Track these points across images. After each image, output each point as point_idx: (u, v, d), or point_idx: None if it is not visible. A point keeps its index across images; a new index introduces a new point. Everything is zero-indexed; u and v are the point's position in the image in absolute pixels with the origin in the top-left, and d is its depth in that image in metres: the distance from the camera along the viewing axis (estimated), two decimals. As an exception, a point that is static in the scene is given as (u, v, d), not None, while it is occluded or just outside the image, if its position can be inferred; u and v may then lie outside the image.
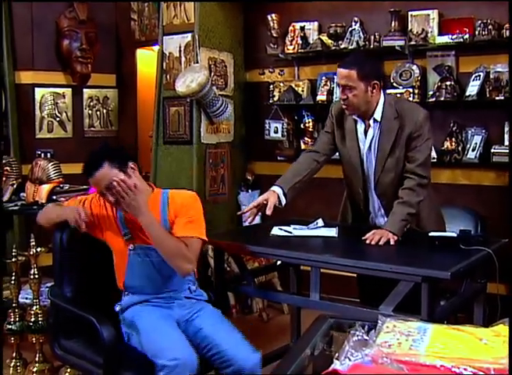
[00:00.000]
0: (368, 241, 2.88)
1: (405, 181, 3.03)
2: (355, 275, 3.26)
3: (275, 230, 3.13)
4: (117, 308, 2.76)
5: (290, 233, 3.11)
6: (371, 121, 3.08)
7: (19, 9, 5.11)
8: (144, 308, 2.71)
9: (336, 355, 1.32)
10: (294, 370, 1.40)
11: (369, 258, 2.70)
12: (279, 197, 3.10)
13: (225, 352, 2.55)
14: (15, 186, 4.16)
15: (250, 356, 2.58)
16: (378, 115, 3.06)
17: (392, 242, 2.86)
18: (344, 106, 3.07)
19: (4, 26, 4.99)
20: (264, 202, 3.08)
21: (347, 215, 3.40)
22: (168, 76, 4.96)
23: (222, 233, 3.30)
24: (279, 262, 3.79)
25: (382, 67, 3.38)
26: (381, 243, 2.85)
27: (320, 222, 3.21)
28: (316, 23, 4.91)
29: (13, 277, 3.81)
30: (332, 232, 3.08)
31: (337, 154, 3.32)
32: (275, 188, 3.12)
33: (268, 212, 3.04)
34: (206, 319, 2.69)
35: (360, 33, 4.60)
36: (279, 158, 4.93)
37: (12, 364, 3.82)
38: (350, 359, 1.27)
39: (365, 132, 3.12)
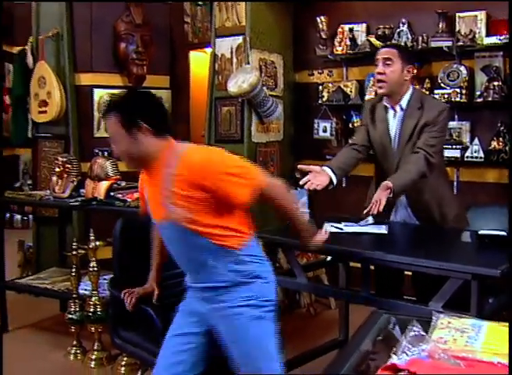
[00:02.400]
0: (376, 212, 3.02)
1: (412, 154, 3.20)
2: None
3: (327, 227, 3.20)
4: None
5: (341, 229, 3.17)
6: (398, 107, 3.29)
7: (79, 14, 5.27)
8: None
9: (393, 349, 1.36)
10: (351, 365, 1.42)
11: (419, 255, 2.71)
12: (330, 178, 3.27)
13: None
14: (75, 183, 4.28)
15: None
16: (404, 102, 3.27)
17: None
18: (378, 83, 3.27)
19: (65, 31, 5.18)
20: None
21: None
22: (220, 77, 5.08)
23: (274, 230, 3.38)
24: (329, 258, 3.88)
25: (416, 62, 3.57)
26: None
27: (370, 219, 3.26)
28: (364, 25, 4.99)
29: (73, 269, 3.99)
30: (382, 229, 3.14)
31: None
32: (323, 167, 3.30)
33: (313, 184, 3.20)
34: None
35: (408, 35, 4.65)
36: (327, 156, 5.00)
37: (72, 351, 4.01)
38: (407, 354, 1.31)
39: (393, 118, 3.32)
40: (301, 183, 3.29)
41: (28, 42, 5.37)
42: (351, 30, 4.96)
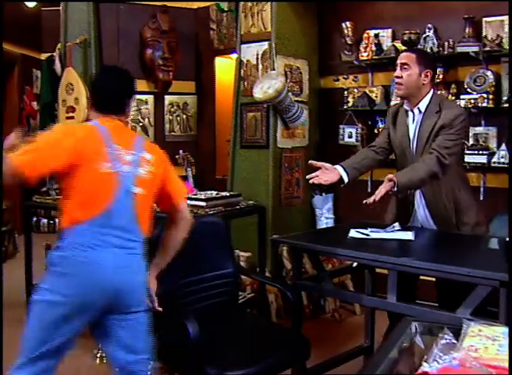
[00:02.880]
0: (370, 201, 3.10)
1: (426, 154, 3.25)
2: (429, 278, 3.33)
3: (353, 233, 3.20)
4: None
5: (367, 235, 3.16)
6: (416, 110, 3.34)
7: (106, 21, 5.36)
8: None
9: (425, 357, 1.36)
10: (381, 372, 1.43)
11: (447, 261, 2.69)
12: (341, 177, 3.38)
13: None
14: None
15: None
16: (422, 106, 3.33)
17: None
18: (396, 86, 3.38)
19: (93, 38, 5.25)
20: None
21: (392, 211, 3.59)
22: (245, 83, 5.10)
23: (300, 235, 3.39)
24: (355, 264, 3.88)
25: (436, 66, 3.62)
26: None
27: (397, 225, 3.27)
28: (390, 30, 4.97)
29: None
30: (409, 235, 3.13)
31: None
32: (335, 166, 3.40)
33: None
34: None
35: (434, 40, 4.62)
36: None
37: (98, 355, 3.99)
38: (438, 362, 1.31)
39: (412, 121, 3.38)
40: (308, 177, 3.39)
41: (56, 49, 5.45)
42: (377, 35, 4.95)
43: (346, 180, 3.39)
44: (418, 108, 3.34)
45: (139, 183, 2.46)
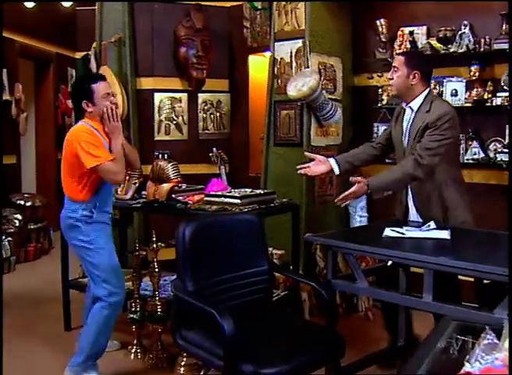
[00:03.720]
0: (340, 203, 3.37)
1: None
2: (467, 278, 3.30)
3: (388, 232, 3.18)
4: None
5: (403, 234, 3.14)
6: (408, 109, 3.52)
7: (140, 20, 5.41)
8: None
9: (467, 357, 1.36)
10: (421, 372, 1.43)
11: (484, 261, 2.66)
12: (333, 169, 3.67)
13: None
14: (137, 184, 4.35)
15: None
16: (415, 105, 3.48)
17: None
18: (390, 87, 3.71)
19: (127, 36, 5.30)
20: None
21: (396, 209, 3.74)
22: (279, 81, 5.10)
23: (334, 233, 3.38)
24: (389, 263, 3.85)
25: (430, 66, 3.68)
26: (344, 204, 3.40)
27: (432, 224, 3.24)
28: (425, 27, 4.93)
29: (135, 270, 4.06)
30: (445, 234, 3.11)
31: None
32: (329, 158, 3.70)
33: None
34: None
35: (470, 37, 4.58)
36: (386, 160, 4.97)
37: (133, 350, 4.08)
38: (480, 363, 1.31)
39: (408, 119, 3.54)
40: (298, 167, 3.73)
41: (91, 48, 5.50)
42: (411, 32, 4.91)
43: (337, 172, 3.67)
44: (410, 107, 3.50)
45: None
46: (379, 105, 5.09)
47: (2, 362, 2.61)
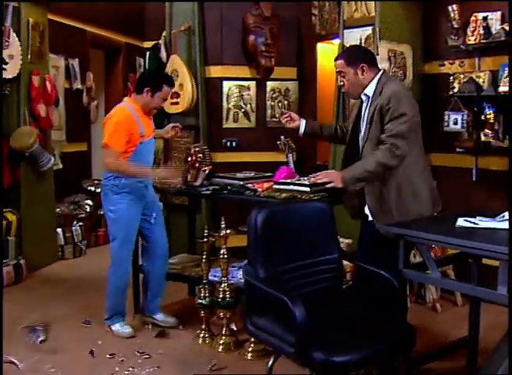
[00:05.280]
0: (313, 179, 3.57)
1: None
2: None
3: (461, 222, 3.12)
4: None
5: (476, 224, 3.09)
6: (364, 96, 3.54)
7: (209, 10, 5.47)
8: None
9: None
10: (502, 372, 1.42)
11: None
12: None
13: None
14: (206, 172, 4.36)
15: None
16: (368, 91, 3.51)
17: (330, 185, 3.50)
18: (346, 93, 3.86)
19: (197, 25, 5.35)
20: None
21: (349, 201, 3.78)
22: (348, 69, 5.05)
23: (406, 223, 3.35)
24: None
25: (369, 51, 3.71)
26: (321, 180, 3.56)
27: (506, 215, 3.16)
28: (499, 13, 4.76)
29: (204, 256, 4.10)
30: (520, 225, 3.03)
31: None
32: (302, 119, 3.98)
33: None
34: None
35: (546, 22, 4.45)
36: (458, 149, 4.90)
37: (201, 335, 4.13)
38: None
39: (364, 105, 3.58)
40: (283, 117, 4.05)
41: (161, 36, 5.59)
42: (485, 18, 4.76)
43: (302, 131, 3.95)
44: (366, 94, 3.52)
45: None
46: (450, 92, 4.98)
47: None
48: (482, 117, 4.80)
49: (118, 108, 4.10)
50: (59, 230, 6.37)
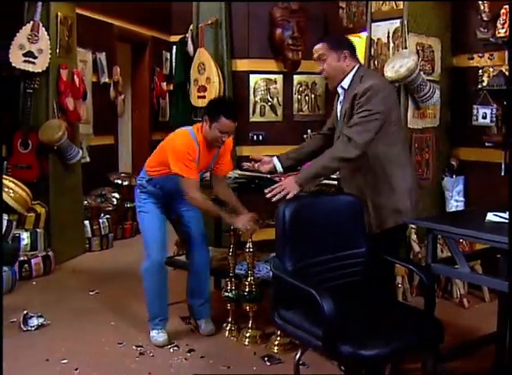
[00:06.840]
0: (269, 195, 3.22)
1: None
2: None
3: (490, 216, 3.09)
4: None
5: (506, 219, 3.04)
6: (340, 89, 3.44)
7: (236, 3, 5.49)
8: None
9: None
10: None
11: None
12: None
13: None
14: None
15: None
16: (345, 83, 3.40)
17: (289, 196, 3.15)
18: (325, 80, 3.59)
19: (224, 18, 5.37)
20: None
21: None
22: (376, 62, 5.02)
23: (435, 217, 3.33)
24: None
25: (352, 42, 3.54)
26: (275, 198, 3.19)
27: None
28: (531, 5, 4.74)
29: (231, 249, 4.11)
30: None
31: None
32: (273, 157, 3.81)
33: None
34: None
35: None
36: (486, 144, 4.84)
37: (227, 328, 4.15)
38: None
39: (341, 98, 3.48)
40: (245, 165, 4.03)
41: (188, 30, 5.61)
42: (515, 11, 4.71)
43: (279, 169, 3.75)
44: (342, 86, 3.42)
45: None
46: (480, 86, 4.92)
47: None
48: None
49: (180, 132, 3.93)
50: (87, 222, 6.43)
